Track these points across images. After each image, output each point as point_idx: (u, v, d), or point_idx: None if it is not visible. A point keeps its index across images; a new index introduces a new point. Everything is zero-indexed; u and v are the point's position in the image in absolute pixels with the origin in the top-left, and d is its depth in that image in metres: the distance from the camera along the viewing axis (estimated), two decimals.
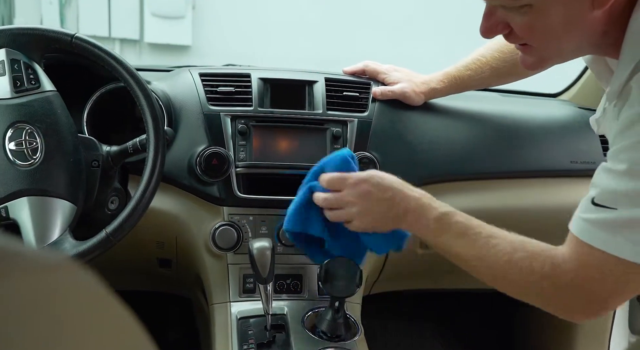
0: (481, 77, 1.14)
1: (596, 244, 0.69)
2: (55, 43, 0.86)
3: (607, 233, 0.68)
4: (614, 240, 0.68)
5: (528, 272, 0.75)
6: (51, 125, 0.84)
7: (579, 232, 0.71)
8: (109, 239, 0.82)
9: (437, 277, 1.31)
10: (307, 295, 1.05)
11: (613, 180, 0.68)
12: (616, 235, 0.67)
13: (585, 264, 0.71)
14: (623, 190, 0.67)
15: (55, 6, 4.63)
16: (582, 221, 0.71)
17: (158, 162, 0.86)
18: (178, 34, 4.82)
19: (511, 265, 0.76)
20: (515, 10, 0.69)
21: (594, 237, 0.70)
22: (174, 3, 4.70)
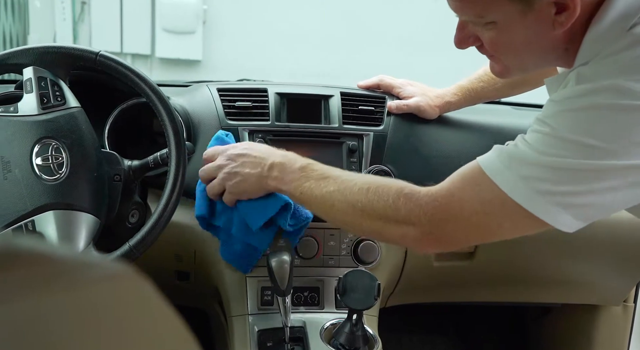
0: (494, 88, 1.15)
1: (486, 168, 0.72)
2: (81, 61, 0.89)
3: (501, 163, 0.71)
4: (502, 169, 0.70)
5: (383, 195, 0.77)
6: (76, 140, 0.86)
7: (480, 158, 0.74)
8: (132, 251, 0.84)
9: (452, 291, 1.31)
10: (325, 308, 1.06)
11: (529, 137, 0.71)
12: (505, 165, 0.70)
13: (459, 188, 0.73)
14: (534, 144, 0.69)
15: (68, 22, 4.70)
16: (491, 151, 0.74)
17: (180, 176, 0.88)
18: (189, 48, 4.88)
19: (368, 192, 0.78)
20: (482, 26, 0.73)
21: (490, 163, 0.72)
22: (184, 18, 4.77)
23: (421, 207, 0.75)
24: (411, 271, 1.17)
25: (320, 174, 0.85)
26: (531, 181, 0.68)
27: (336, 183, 0.82)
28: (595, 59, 0.70)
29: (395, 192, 0.77)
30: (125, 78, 0.89)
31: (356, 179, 0.82)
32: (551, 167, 0.68)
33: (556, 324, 1.51)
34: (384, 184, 0.79)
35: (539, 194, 0.68)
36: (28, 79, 0.86)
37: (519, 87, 1.19)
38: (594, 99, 0.67)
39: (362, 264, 1.07)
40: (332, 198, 0.82)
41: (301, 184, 0.85)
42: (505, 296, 1.34)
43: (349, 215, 0.81)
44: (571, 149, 0.67)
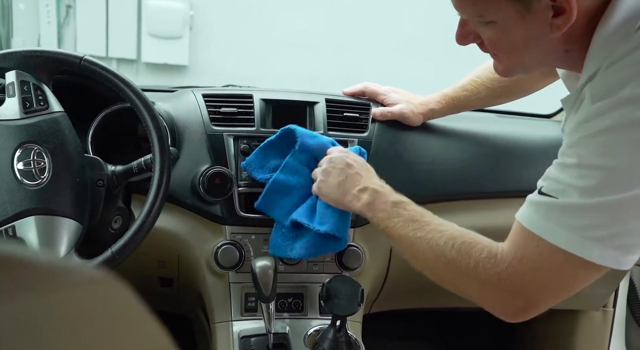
0: (478, 98, 1.17)
1: (533, 228, 0.71)
2: (64, 65, 0.88)
3: (543, 218, 0.70)
4: (548, 224, 0.69)
5: (465, 255, 0.76)
6: (59, 145, 0.85)
7: (521, 216, 0.74)
8: (114, 257, 0.83)
9: (436, 296, 1.32)
10: (309, 314, 1.06)
11: (559, 173, 0.71)
12: (550, 220, 0.69)
13: (521, 251, 0.72)
14: (567, 181, 0.69)
15: (53, 26, 4.67)
16: (525, 207, 0.74)
17: (164, 182, 0.87)
18: (175, 54, 4.87)
19: (452, 248, 0.77)
20: (483, 24, 0.75)
21: (531, 221, 0.71)
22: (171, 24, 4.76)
23: (499, 274, 0.73)
24: (395, 277, 1.18)
25: (411, 215, 0.85)
26: (581, 230, 0.67)
27: (424, 230, 0.82)
28: (603, 66, 0.69)
29: (476, 254, 0.76)
30: (110, 83, 0.89)
31: (444, 231, 0.80)
32: (592, 210, 0.67)
33: (539, 328, 1.53)
34: (468, 242, 0.77)
35: (594, 240, 0.67)
36: (10, 83, 0.85)
37: (502, 97, 1.20)
38: (611, 118, 0.66)
39: (346, 270, 1.08)
40: (417, 244, 0.82)
41: (390, 218, 0.86)
42: None
43: (431, 265, 0.82)
44: (603, 179, 0.66)
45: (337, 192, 0.93)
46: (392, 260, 1.15)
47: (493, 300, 0.76)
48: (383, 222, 0.86)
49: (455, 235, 0.79)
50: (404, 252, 0.86)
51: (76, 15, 4.67)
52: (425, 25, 4.47)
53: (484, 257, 0.75)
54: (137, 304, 0.26)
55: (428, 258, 0.81)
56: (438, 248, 0.79)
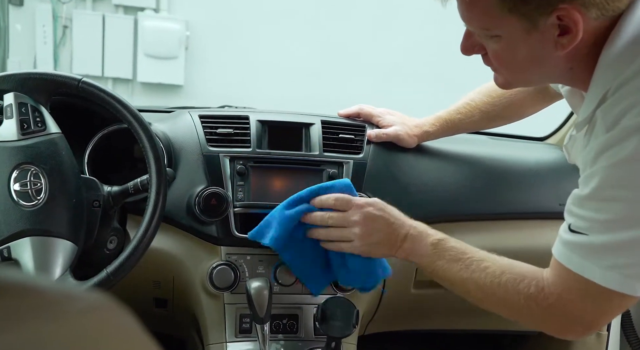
0: (472, 121, 1.18)
1: (572, 267, 0.74)
2: (63, 87, 0.89)
3: (580, 257, 0.73)
4: (586, 264, 0.72)
5: (514, 293, 0.79)
6: (55, 166, 0.85)
7: (558, 255, 0.76)
8: (109, 278, 0.83)
9: (431, 318, 1.32)
10: (304, 335, 1.06)
11: (582, 206, 0.73)
12: (587, 259, 0.72)
13: (566, 286, 0.75)
14: (593, 217, 0.71)
15: (49, 46, 4.69)
16: (561, 245, 0.76)
17: (160, 202, 0.88)
18: (170, 74, 4.89)
19: (500, 286, 0.80)
20: (488, 38, 0.76)
21: (570, 261, 0.74)
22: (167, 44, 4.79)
23: (551, 308, 0.77)
24: (390, 298, 1.17)
25: (452, 255, 0.86)
26: (617, 268, 0.70)
27: (469, 270, 0.84)
28: (612, 88, 0.70)
29: (524, 291, 0.79)
30: (108, 105, 0.90)
31: (487, 268, 0.83)
32: (620, 247, 0.69)
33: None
34: (512, 279, 0.80)
35: (629, 277, 0.70)
36: (8, 105, 0.86)
37: (496, 121, 1.22)
38: (624, 149, 0.67)
39: (341, 291, 1.08)
40: (466, 285, 0.84)
41: (433, 261, 0.88)
42: (484, 324, 1.34)
43: (485, 303, 0.85)
44: (626, 209, 0.68)
45: (384, 249, 0.93)
46: (386, 282, 1.15)
47: (553, 328, 0.81)
48: (429, 267, 0.89)
49: (498, 273, 0.81)
50: (457, 292, 0.89)
51: (72, 35, 4.70)
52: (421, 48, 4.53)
53: (532, 292, 0.78)
54: (139, 329, 0.26)
55: (480, 298, 0.84)
56: (486, 288, 0.82)
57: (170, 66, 4.88)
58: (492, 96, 1.17)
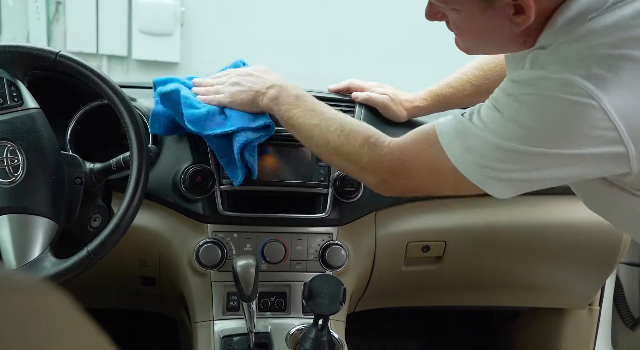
0: (463, 95, 1.16)
1: (441, 137, 0.79)
2: (39, 61, 0.86)
3: (453, 134, 0.78)
4: (452, 138, 0.78)
5: (353, 137, 0.86)
6: (33, 142, 0.83)
7: (439, 121, 0.81)
8: (90, 257, 0.82)
9: (421, 295, 1.31)
10: (292, 313, 1.05)
11: (483, 111, 0.77)
12: (456, 135, 0.78)
13: (414, 142, 0.82)
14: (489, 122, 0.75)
15: (42, 22, 4.62)
16: (449, 118, 0.81)
17: (141, 179, 0.86)
18: (166, 51, 4.83)
19: (342, 132, 0.87)
20: (448, 9, 0.79)
21: (441, 127, 0.80)
22: (162, 20, 4.72)
23: (380, 157, 0.84)
24: (380, 276, 1.17)
25: (309, 105, 0.93)
26: (475, 155, 0.76)
27: (319, 118, 0.90)
28: (552, 45, 0.74)
29: (362, 138, 0.86)
30: (86, 79, 0.87)
31: (335, 119, 0.90)
32: (494, 146, 0.74)
33: (525, 327, 1.53)
34: (356, 129, 0.87)
35: (480, 166, 0.76)
36: None
37: (487, 95, 1.19)
38: (542, 88, 0.72)
39: (329, 268, 1.07)
40: (312, 130, 0.90)
41: (291, 109, 0.93)
42: (474, 300, 1.34)
43: (322, 150, 0.91)
44: (513, 132, 0.73)
45: (249, 94, 0.99)
46: (376, 259, 1.14)
47: (371, 178, 0.87)
48: (286, 114, 0.94)
49: (345, 123, 0.89)
50: (302, 140, 0.94)
51: (66, 11, 4.62)
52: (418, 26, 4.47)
53: (371, 141, 0.85)
54: (75, 311, 0.25)
55: (320, 145, 0.90)
56: (329, 133, 0.88)
57: (166, 43, 4.81)
58: (483, 69, 1.15)
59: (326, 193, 1.07)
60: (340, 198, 1.07)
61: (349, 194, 1.07)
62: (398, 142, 0.84)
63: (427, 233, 1.13)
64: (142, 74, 4.83)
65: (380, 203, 1.12)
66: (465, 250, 1.18)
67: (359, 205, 1.09)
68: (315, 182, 1.07)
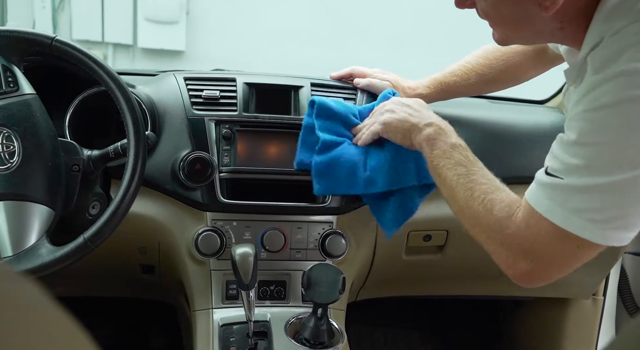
0: (467, 84, 1.14)
1: (536, 206, 0.73)
2: (35, 46, 0.85)
3: (547, 198, 0.72)
4: (551, 204, 0.72)
5: (489, 211, 0.79)
6: (29, 128, 0.82)
7: (528, 193, 0.76)
8: (86, 244, 0.81)
9: (423, 284, 1.30)
10: (291, 302, 1.04)
11: (560, 150, 0.72)
12: (554, 200, 0.71)
13: (528, 222, 0.74)
14: (570, 161, 0.70)
15: (48, 10, 4.61)
16: (534, 185, 0.76)
17: (138, 166, 0.85)
18: (172, 39, 4.81)
19: (482, 202, 0.80)
20: None
21: (537, 200, 0.73)
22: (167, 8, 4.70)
23: (510, 236, 0.76)
24: (381, 265, 1.16)
25: (462, 160, 0.86)
26: (583, 213, 0.69)
27: (467, 178, 0.83)
28: (607, 36, 0.69)
29: (498, 211, 0.78)
30: (83, 65, 0.86)
31: (482, 184, 0.82)
32: (590, 192, 0.68)
33: (528, 317, 1.51)
34: (493, 200, 0.79)
35: (593, 222, 0.69)
36: None
37: (492, 85, 1.18)
38: (608, 92, 0.66)
39: (329, 257, 1.06)
40: (456, 190, 0.84)
41: (443, 157, 0.87)
42: (477, 290, 1.33)
43: (459, 211, 0.84)
44: (601, 156, 0.67)
45: (405, 125, 0.93)
46: (377, 248, 1.13)
47: (501, 257, 0.79)
48: (436, 160, 0.88)
49: (489, 191, 0.81)
50: (444, 194, 0.88)
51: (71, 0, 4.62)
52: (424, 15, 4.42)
53: (502, 216, 0.78)
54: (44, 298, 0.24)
55: (461, 206, 0.83)
56: (471, 200, 0.81)
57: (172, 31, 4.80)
58: (489, 58, 1.13)
59: None
60: None
61: None
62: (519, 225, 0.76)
63: (429, 222, 1.11)
64: (147, 62, 4.82)
65: None
66: (468, 240, 1.16)
67: None
68: None
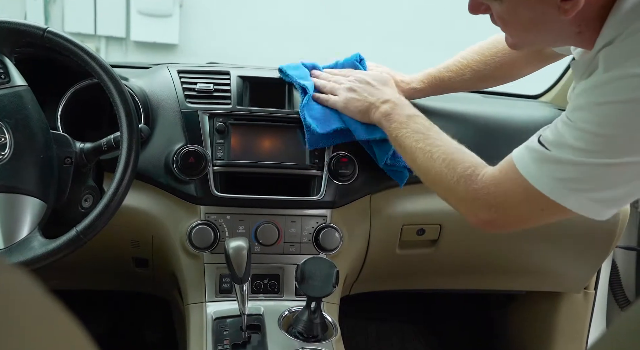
0: (462, 79, 1.14)
1: (523, 171, 0.76)
2: (27, 37, 0.85)
3: (535, 164, 0.75)
4: (537, 172, 0.75)
5: (451, 170, 0.84)
6: (21, 120, 0.82)
7: (516, 156, 0.79)
8: (79, 237, 0.81)
9: (417, 278, 1.31)
10: (285, 296, 1.04)
11: (561, 129, 0.74)
12: (541, 168, 0.74)
13: (503, 180, 0.79)
14: (567, 141, 0.72)
15: (39, 3, 4.57)
16: (523, 149, 0.78)
17: (131, 159, 0.85)
18: (165, 32, 4.78)
19: (443, 162, 0.85)
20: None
21: (523, 163, 0.77)
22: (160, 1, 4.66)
23: (474, 192, 0.82)
24: (375, 259, 1.16)
25: (418, 128, 0.91)
26: (566, 182, 0.73)
27: (425, 142, 0.89)
28: (621, 36, 0.69)
29: (460, 171, 0.83)
30: (75, 56, 0.85)
31: (441, 146, 0.87)
32: (582, 168, 0.71)
33: (520, 310, 1.52)
34: (456, 159, 0.85)
35: (575, 191, 0.72)
36: None
37: (487, 81, 1.18)
38: (622, 90, 0.68)
39: (323, 251, 1.06)
40: (416, 154, 0.89)
41: (400, 128, 0.93)
42: (470, 284, 1.34)
43: (424, 176, 0.90)
44: (599, 145, 0.70)
45: (363, 104, 0.99)
46: (371, 242, 1.13)
47: (468, 211, 0.85)
48: (394, 132, 0.93)
49: (448, 152, 0.86)
50: (406, 161, 0.94)
51: None
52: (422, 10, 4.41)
53: (467, 174, 0.82)
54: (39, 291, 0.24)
55: (423, 169, 0.89)
56: (431, 161, 0.86)
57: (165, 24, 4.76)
58: (484, 54, 1.13)
59: (321, 175, 1.06)
60: (334, 180, 1.06)
61: (344, 176, 1.06)
62: (492, 174, 0.81)
63: (423, 216, 1.12)
64: (140, 56, 4.78)
65: (375, 186, 1.11)
66: (461, 234, 1.17)
67: (354, 188, 1.08)
68: (309, 164, 1.05)
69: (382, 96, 0.98)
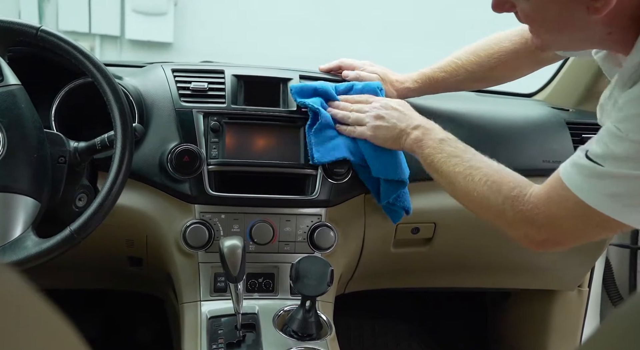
0: (456, 80, 1.14)
1: (573, 188, 0.74)
2: (20, 36, 0.84)
3: (584, 180, 0.74)
4: (587, 187, 0.73)
5: (496, 192, 0.82)
6: (14, 119, 0.81)
7: (563, 173, 0.77)
8: (73, 236, 0.81)
9: (412, 276, 1.31)
10: (280, 294, 1.05)
11: (609, 142, 0.72)
12: (591, 184, 0.73)
13: (553, 199, 0.77)
14: (614, 152, 0.71)
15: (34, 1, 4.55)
16: (569, 166, 0.77)
17: (125, 158, 0.84)
18: (159, 30, 4.77)
19: (485, 184, 0.83)
20: None
21: (573, 182, 0.75)
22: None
23: (523, 213, 0.79)
24: (369, 257, 1.16)
25: (454, 151, 0.89)
26: (622, 198, 0.71)
27: (463, 166, 0.87)
28: None
29: (505, 192, 0.81)
30: (69, 55, 0.85)
31: (480, 167, 0.85)
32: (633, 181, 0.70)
33: (515, 308, 1.53)
34: (499, 181, 0.83)
35: (631, 207, 0.71)
36: None
37: (481, 82, 1.18)
38: None
39: (318, 250, 1.06)
40: (455, 179, 0.87)
41: (435, 154, 0.90)
42: (464, 282, 1.34)
43: (465, 200, 0.88)
44: None
45: (393, 132, 0.97)
46: (366, 240, 1.13)
47: (519, 234, 0.83)
48: (429, 158, 0.91)
49: (490, 173, 0.84)
50: (445, 187, 0.91)
51: None
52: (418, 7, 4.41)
53: (513, 195, 0.81)
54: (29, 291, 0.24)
55: (464, 192, 0.86)
56: (473, 184, 0.84)
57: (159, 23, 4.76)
58: (479, 55, 1.12)
59: (315, 174, 1.06)
60: (329, 179, 1.06)
61: (339, 175, 1.06)
62: (540, 194, 0.79)
63: (417, 215, 1.12)
64: (135, 54, 4.77)
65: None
66: (455, 232, 1.18)
67: (349, 187, 1.08)
68: (304, 163, 1.05)
69: (411, 122, 0.96)
